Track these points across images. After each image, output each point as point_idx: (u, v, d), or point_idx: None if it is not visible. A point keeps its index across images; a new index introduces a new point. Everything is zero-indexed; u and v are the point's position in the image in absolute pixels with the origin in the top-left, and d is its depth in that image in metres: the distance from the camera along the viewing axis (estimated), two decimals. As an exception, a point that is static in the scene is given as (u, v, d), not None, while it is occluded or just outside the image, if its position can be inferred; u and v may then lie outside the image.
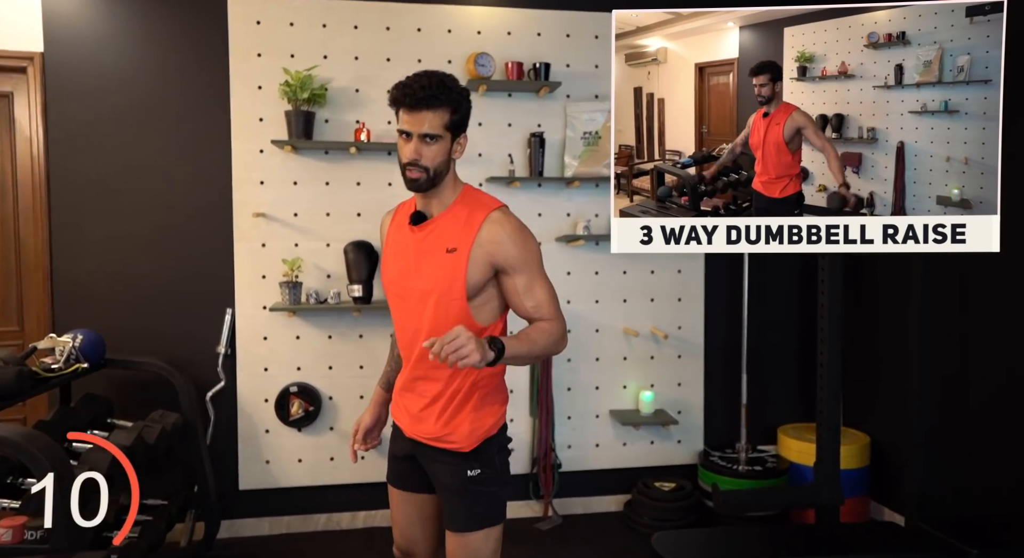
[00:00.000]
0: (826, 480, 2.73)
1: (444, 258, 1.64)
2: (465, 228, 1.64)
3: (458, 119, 1.65)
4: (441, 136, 1.62)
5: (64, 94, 3.04)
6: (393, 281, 1.73)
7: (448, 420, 1.69)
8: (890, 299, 3.33)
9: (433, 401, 1.70)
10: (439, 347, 1.44)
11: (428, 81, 1.60)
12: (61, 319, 3.07)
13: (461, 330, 1.46)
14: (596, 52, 3.41)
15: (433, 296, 1.64)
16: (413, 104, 1.59)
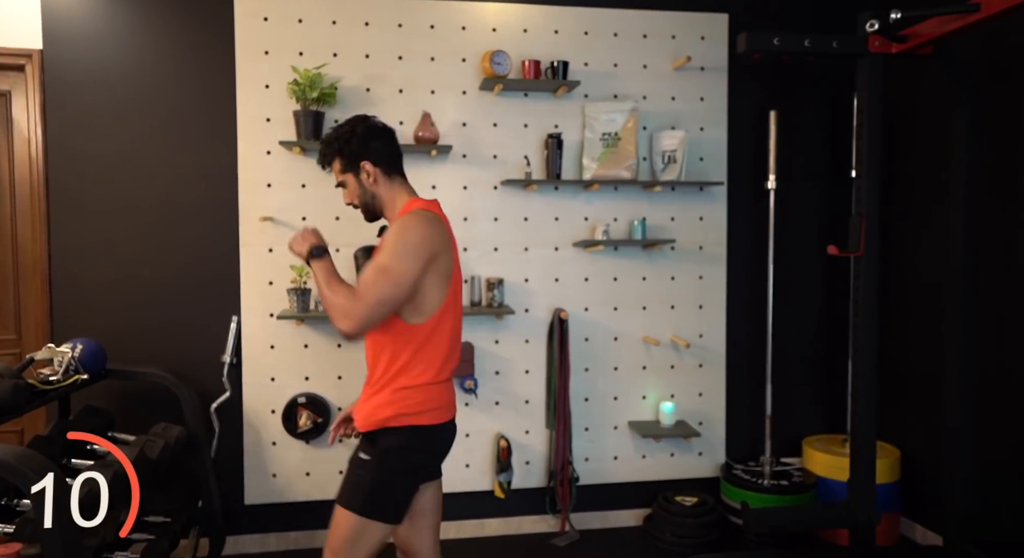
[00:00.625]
0: (861, 498, 2.60)
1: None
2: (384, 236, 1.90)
3: (348, 161, 1.91)
4: (345, 181, 1.93)
5: (64, 93, 2.93)
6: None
7: (361, 404, 1.90)
8: (923, 302, 3.20)
9: (367, 388, 1.93)
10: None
11: (322, 139, 1.96)
12: (60, 327, 2.95)
13: (308, 231, 1.89)
14: (616, 50, 3.29)
15: None
16: (319, 163, 1.97)
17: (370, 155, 1.89)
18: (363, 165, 1.88)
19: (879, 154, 2.60)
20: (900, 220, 3.33)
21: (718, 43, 3.36)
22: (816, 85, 3.49)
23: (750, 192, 3.43)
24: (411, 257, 1.76)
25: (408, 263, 1.76)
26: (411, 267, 1.76)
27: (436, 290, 1.83)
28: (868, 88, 2.55)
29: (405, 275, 1.76)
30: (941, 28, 2.33)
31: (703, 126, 3.37)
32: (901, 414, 3.34)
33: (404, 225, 1.78)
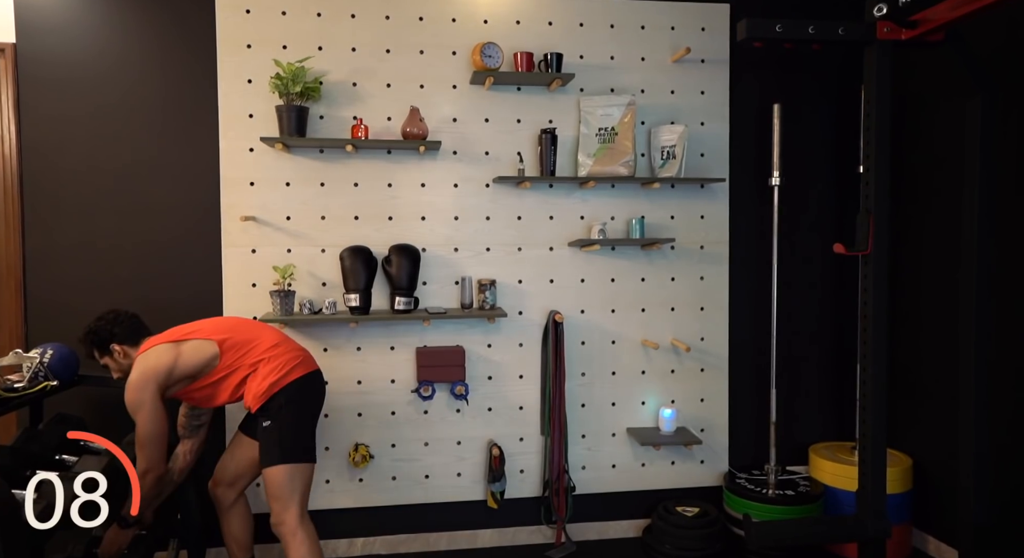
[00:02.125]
0: (871, 510, 2.46)
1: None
2: None
3: (97, 350, 2.42)
4: (106, 363, 2.43)
5: (38, 88, 2.83)
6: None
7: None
8: (936, 303, 3.05)
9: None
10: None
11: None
12: (35, 332, 2.85)
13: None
14: (612, 42, 3.16)
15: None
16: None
17: (112, 337, 2.43)
18: (109, 348, 2.41)
19: (888, 147, 2.47)
20: (910, 217, 3.19)
21: (719, 34, 3.24)
22: (821, 77, 3.36)
23: (753, 189, 3.30)
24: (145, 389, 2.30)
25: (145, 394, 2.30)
26: (147, 397, 2.29)
27: (198, 366, 2.36)
28: (876, 77, 2.42)
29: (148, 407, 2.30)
30: (953, 12, 2.19)
31: (704, 120, 3.24)
32: (912, 420, 3.19)
33: (130, 382, 2.31)
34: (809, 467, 3.29)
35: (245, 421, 2.62)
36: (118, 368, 2.41)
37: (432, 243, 3.08)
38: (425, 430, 3.11)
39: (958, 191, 2.82)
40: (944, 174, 2.98)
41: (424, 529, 3.16)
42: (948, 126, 2.94)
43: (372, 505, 3.08)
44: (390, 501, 3.11)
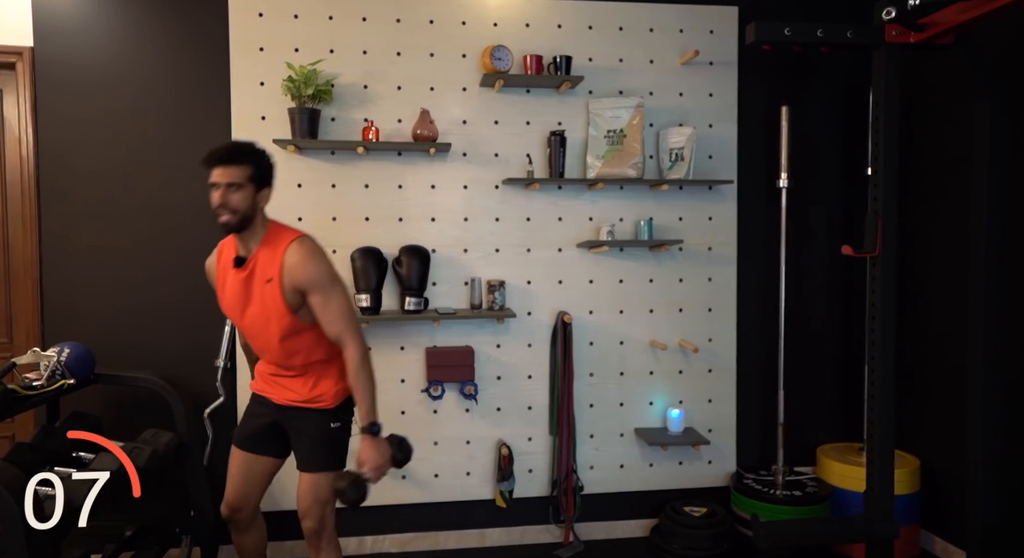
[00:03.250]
0: (878, 511, 2.47)
1: (266, 288, 2.08)
2: (274, 259, 2.08)
3: (260, 174, 2.09)
4: (243, 185, 2.04)
5: (55, 91, 2.87)
6: (231, 312, 2.19)
7: (312, 387, 2.21)
8: (944, 304, 3.06)
9: (297, 378, 2.23)
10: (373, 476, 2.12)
11: (233, 146, 2.09)
12: (51, 331, 2.89)
13: (366, 458, 2.11)
14: (621, 45, 3.18)
15: (264, 322, 2.11)
16: (216, 162, 2.03)
17: (271, 185, 2.17)
18: (266, 190, 2.13)
19: (896, 149, 2.48)
20: (918, 219, 3.20)
21: (727, 37, 3.25)
22: (829, 79, 3.36)
23: (761, 191, 3.31)
24: (329, 263, 2.15)
25: (332, 267, 2.14)
26: (334, 270, 2.15)
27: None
28: (885, 80, 2.43)
29: (341, 278, 2.16)
30: (963, 15, 2.20)
31: (712, 123, 3.26)
32: (920, 421, 3.20)
33: (310, 252, 2.09)
34: (817, 468, 3.30)
35: (249, 438, 2.32)
36: (244, 203, 2.04)
37: (442, 244, 3.10)
38: (434, 430, 3.14)
39: (966, 193, 2.83)
40: (951, 176, 2.99)
41: (433, 528, 3.19)
42: (956, 128, 2.95)
43: (382, 503, 3.10)
44: (399, 500, 3.14)
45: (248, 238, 2.10)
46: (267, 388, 2.28)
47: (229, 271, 2.13)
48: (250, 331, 2.17)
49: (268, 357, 2.22)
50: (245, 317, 2.14)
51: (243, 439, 2.32)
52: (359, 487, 2.05)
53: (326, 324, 2.09)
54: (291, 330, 2.11)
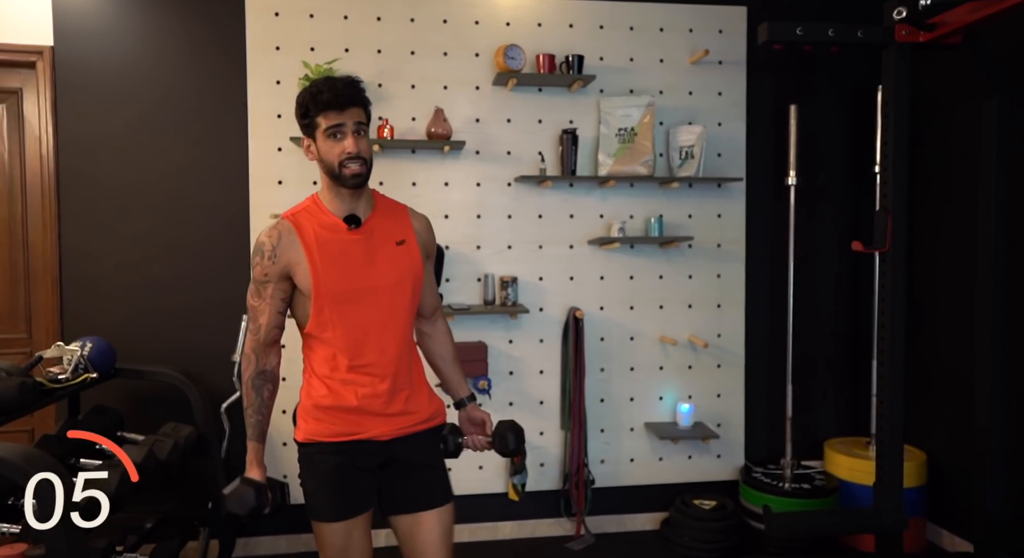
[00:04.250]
0: (888, 503, 2.51)
1: (397, 251, 1.73)
2: (400, 222, 1.77)
3: (369, 114, 1.71)
4: (367, 127, 1.68)
5: (75, 90, 2.91)
6: (339, 288, 1.66)
7: (428, 400, 1.80)
8: (952, 298, 3.10)
9: (411, 390, 1.76)
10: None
11: (348, 81, 1.66)
12: (70, 326, 2.93)
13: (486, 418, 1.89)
14: (631, 44, 3.23)
15: (399, 287, 1.71)
16: (345, 102, 1.62)
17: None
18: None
19: (906, 147, 2.52)
20: (927, 215, 3.24)
21: (736, 36, 3.29)
22: (837, 78, 3.41)
23: (769, 188, 3.36)
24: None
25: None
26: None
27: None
28: (894, 79, 2.48)
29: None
30: (972, 15, 2.24)
31: (721, 121, 3.30)
32: (927, 415, 3.25)
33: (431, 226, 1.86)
34: (824, 462, 3.34)
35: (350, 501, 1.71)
36: (369, 149, 1.67)
37: (455, 241, 3.14)
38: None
39: (974, 190, 2.86)
40: (960, 174, 3.03)
41: (446, 521, 3.23)
42: (964, 126, 2.99)
43: (396, 497, 3.14)
44: (413, 493, 3.18)
45: (359, 198, 1.70)
46: (364, 423, 1.70)
47: (333, 236, 1.67)
48: (369, 307, 1.68)
49: (387, 354, 1.70)
50: (370, 282, 1.67)
51: (339, 506, 1.70)
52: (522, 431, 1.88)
53: (431, 294, 1.88)
54: (417, 301, 1.79)
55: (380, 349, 1.69)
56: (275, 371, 1.79)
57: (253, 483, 1.68)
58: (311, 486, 1.72)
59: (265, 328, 1.74)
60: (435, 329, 1.94)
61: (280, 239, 1.68)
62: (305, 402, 1.76)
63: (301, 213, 1.71)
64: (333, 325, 1.67)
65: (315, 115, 1.63)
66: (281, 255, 1.67)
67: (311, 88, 1.64)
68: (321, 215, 1.69)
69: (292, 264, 1.67)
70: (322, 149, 1.65)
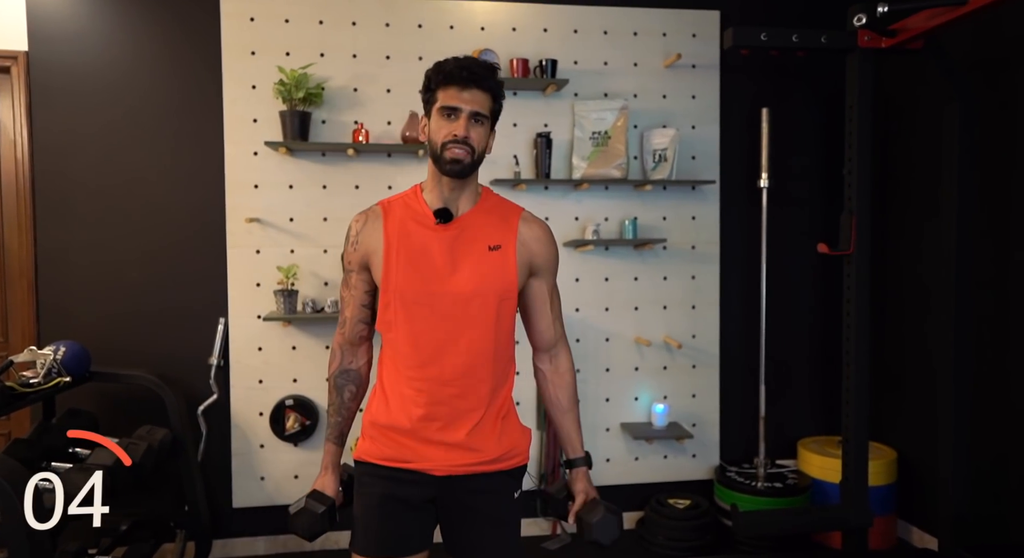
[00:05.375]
0: (853, 501, 2.56)
1: (488, 255, 1.50)
2: (503, 225, 1.53)
3: (498, 109, 1.53)
4: (487, 119, 1.50)
5: (50, 95, 2.92)
6: (410, 286, 1.49)
7: (501, 434, 1.53)
8: (918, 302, 3.15)
9: (481, 420, 1.51)
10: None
11: (481, 62, 1.49)
12: (47, 330, 2.94)
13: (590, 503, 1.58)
14: (606, 48, 3.26)
15: (478, 298, 1.49)
16: (468, 80, 1.44)
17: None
18: (493, 134, 1.56)
19: (869, 151, 2.57)
20: (897, 217, 3.29)
21: (710, 40, 3.33)
22: (810, 82, 3.45)
23: (743, 190, 3.39)
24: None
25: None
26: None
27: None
28: (858, 83, 2.52)
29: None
30: (930, 22, 2.29)
31: (695, 124, 3.34)
32: (897, 415, 3.29)
33: (550, 231, 1.61)
34: (798, 461, 3.38)
35: (392, 538, 1.53)
36: (482, 140, 1.49)
37: (431, 244, 3.16)
38: (424, 425, 3.20)
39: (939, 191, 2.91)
40: (928, 175, 3.07)
41: (424, 521, 3.25)
42: (931, 130, 3.03)
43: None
44: (391, 494, 3.20)
45: (460, 191, 1.52)
46: (416, 451, 1.51)
47: (418, 228, 1.52)
48: (441, 314, 1.50)
49: (449, 373, 1.50)
50: (446, 286, 1.49)
51: (382, 542, 1.52)
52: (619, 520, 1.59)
53: (547, 323, 1.61)
54: (508, 321, 1.55)
55: (445, 363, 1.49)
56: (361, 371, 1.64)
57: (320, 499, 1.55)
58: (357, 510, 1.56)
59: (350, 322, 1.60)
60: (552, 368, 1.66)
61: (365, 224, 1.56)
62: (365, 416, 1.58)
63: (397, 200, 1.58)
64: (397, 325, 1.51)
65: (436, 87, 1.47)
66: (363, 242, 1.55)
67: (440, 61, 1.49)
68: (416, 204, 1.54)
69: (370, 252, 1.54)
70: (432, 127, 1.49)
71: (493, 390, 1.52)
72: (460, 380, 1.49)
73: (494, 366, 1.52)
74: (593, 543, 1.54)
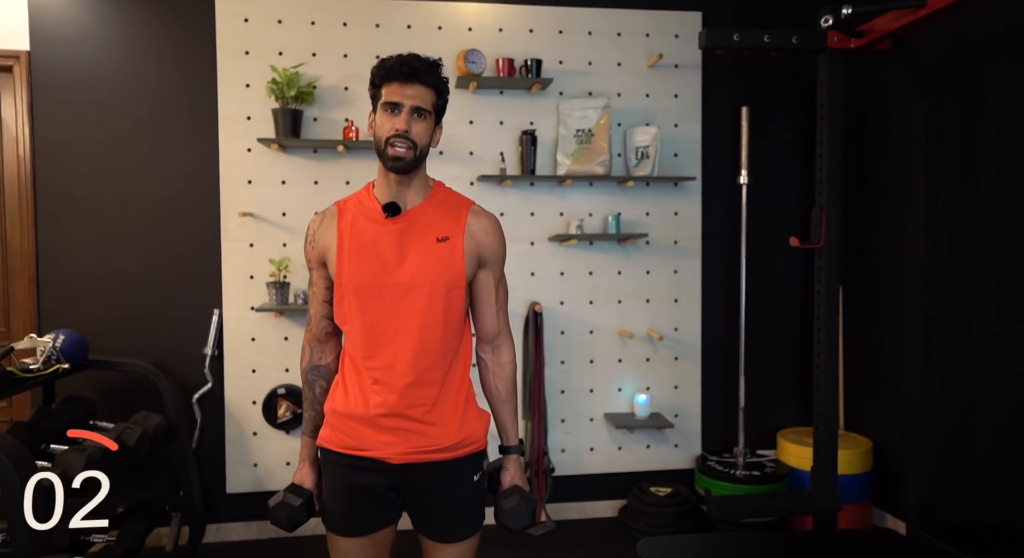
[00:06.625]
0: (823, 486, 2.64)
1: (435, 247, 1.55)
2: (452, 217, 1.59)
3: (442, 104, 1.58)
4: (430, 114, 1.54)
5: (50, 93, 3.03)
6: (361, 279, 1.55)
7: (463, 419, 1.60)
8: (893, 299, 3.23)
9: (433, 406, 1.56)
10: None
11: (422, 58, 1.54)
12: (47, 320, 3.04)
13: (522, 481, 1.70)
14: (590, 48, 3.35)
15: (425, 287, 1.54)
16: (408, 75, 1.49)
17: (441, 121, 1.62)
18: (441, 126, 1.61)
19: (840, 148, 2.65)
20: (871, 213, 3.37)
21: (692, 41, 3.41)
22: (788, 82, 3.53)
23: (724, 187, 3.48)
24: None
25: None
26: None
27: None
28: (828, 83, 2.60)
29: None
30: (895, 23, 2.37)
31: (677, 122, 3.43)
32: (872, 406, 3.38)
33: (498, 223, 1.66)
34: (777, 451, 3.47)
35: (359, 518, 1.63)
36: (424, 135, 1.53)
37: (419, 238, 3.26)
38: (413, 414, 3.29)
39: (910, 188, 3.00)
40: (901, 172, 3.16)
41: (412, 508, 3.35)
42: (904, 127, 3.12)
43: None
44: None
45: (407, 185, 1.56)
46: (373, 439, 1.58)
47: (368, 224, 1.58)
48: (391, 305, 1.55)
49: (401, 362, 1.55)
50: (394, 278, 1.55)
51: (350, 523, 1.62)
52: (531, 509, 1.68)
53: (491, 313, 1.66)
54: (457, 310, 1.60)
55: (396, 353, 1.54)
56: (330, 366, 1.70)
57: (298, 492, 1.64)
58: (325, 492, 1.66)
59: (315, 318, 1.67)
60: (494, 359, 1.70)
61: (321, 224, 1.63)
62: (327, 405, 1.65)
63: (351, 199, 1.64)
64: (352, 317, 1.57)
65: (379, 84, 1.52)
66: (319, 240, 1.62)
67: (383, 58, 1.55)
68: (368, 200, 1.59)
69: (326, 249, 1.60)
70: (377, 122, 1.53)
71: (441, 381, 1.58)
72: (409, 371, 1.54)
73: (444, 355, 1.58)
74: (503, 527, 1.66)
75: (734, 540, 2.65)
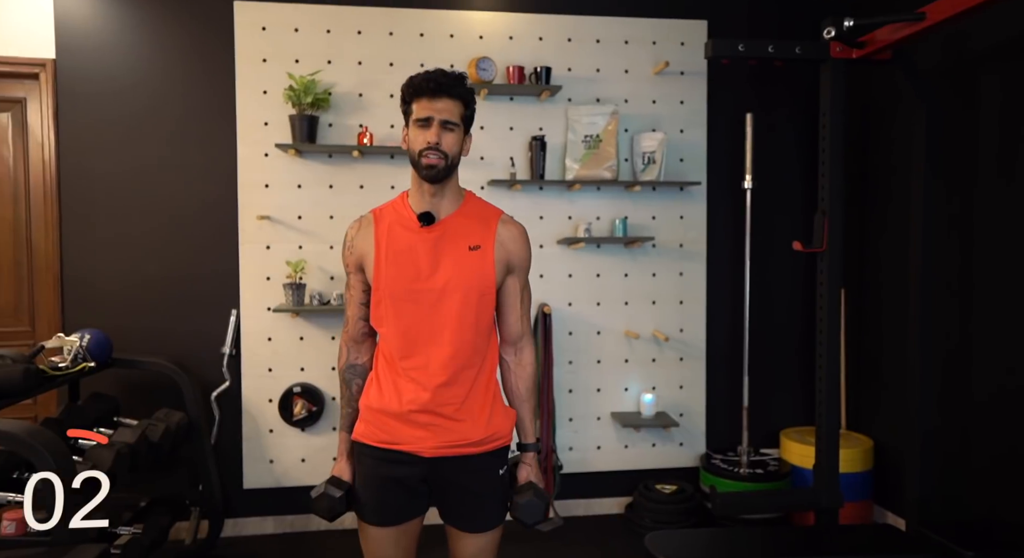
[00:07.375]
0: (825, 483, 2.72)
1: (467, 255, 1.65)
2: (483, 227, 1.68)
3: (469, 114, 1.68)
4: (458, 125, 1.64)
5: (75, 100, 3.12)
6: (397, 284, 1.65)
7: (491, 416, 1.70)
8: (893, 301, 3.31)
9: (463, 404, 1.66)
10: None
11: (447, 73, 1.64)
12: (71, 319, 3.14)
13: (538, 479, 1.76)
14: (598, 56, 3.43)
15: (458, 293, 1.64)
16: (436, 90, 1.60)
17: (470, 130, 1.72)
18: (470, 135, 1.71)
19: (841, 155, 2.73)
20: (874, 217, 3.45)
21: (697, 48, 3.49)
22: (792, 89, 3.61)
23: (728, 191, 3.56)
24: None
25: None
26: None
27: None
28: (831, 92, 2.68)
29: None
30: (895, 35, 2.45)
31: (683, 128, 3.51)
32: (874, 406, 3.45)
33: (526, 232, 1.76)
34: (780, 449, 3.54)
35: (391, 509, 1.71)
36: (455, 145, 1.64)
37: (431, 241, 3.34)
38: (424, 412, 3.38)
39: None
40: (901, 178, 3.24)
41: (423, 504, 3.43)
42: (905, 133, 3.19)
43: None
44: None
45: (441, 196, 1.67)
46: (406, 433, 1.67)
47: (403, 232, 1.67)
48: (426, 309, 1.65)
49: (435, 362, 1.65)
50: (429, 283, 1.64)
51: (382, 513, 1.71)
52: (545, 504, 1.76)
53: (515, 317, 1.75)
54: (487, 315, 1.70)
55: (431, 355, 1.64)
56: (366, 366, 1.79)
57: (338, 484, 1.73)
58: (359, 484, 1.73)
59: (352, 320, 1.76)
60: (516, 360, 1.79)
61: (359, 230, 1.72)
62: (362, 401, 1.74)
63: (387, 207, 1.73)
64: (388, 321, 1.67)
65: (410, 100, 1.64)
66: (357, 246, 1.71)
67: (412, 76, 1.65)
68: (403, 209, 1.69)
69: (363, 255, 1.70)
70: (410, 137, 1.64)
71: (472, 381, 1.67)
72: (443, 371, 1.64)
73: (474, 356, 1.67)
74: (517, 520, 1.74)
75: (740, 534, 2.72)
